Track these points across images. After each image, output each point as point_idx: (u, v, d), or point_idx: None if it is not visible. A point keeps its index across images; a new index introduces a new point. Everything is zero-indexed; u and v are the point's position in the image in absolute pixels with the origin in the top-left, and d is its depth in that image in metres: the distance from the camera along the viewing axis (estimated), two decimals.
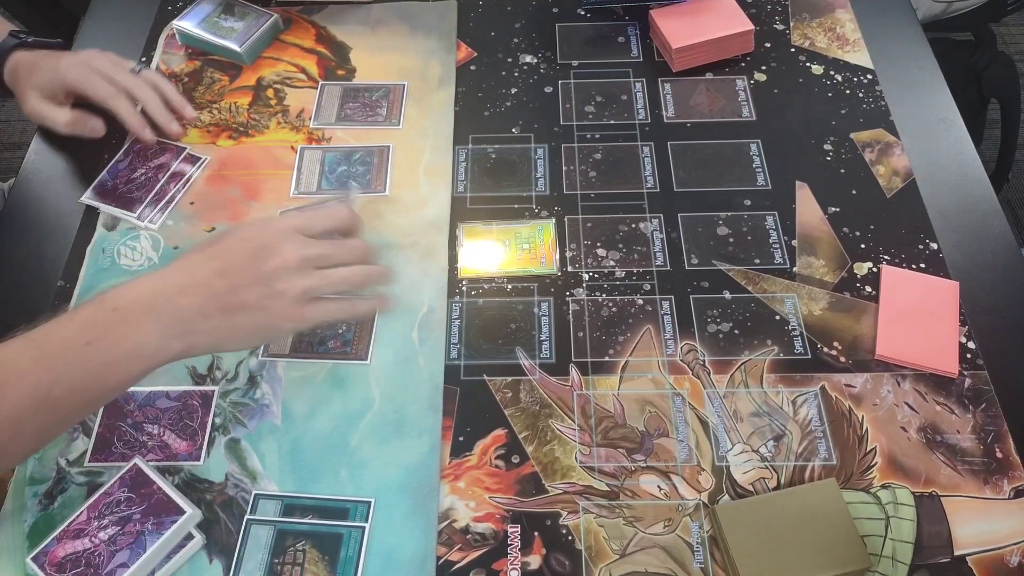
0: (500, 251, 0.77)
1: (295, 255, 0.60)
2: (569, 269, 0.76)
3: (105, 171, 0.83)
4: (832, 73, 0.90)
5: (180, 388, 0.69)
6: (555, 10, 0.98)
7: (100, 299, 0.57)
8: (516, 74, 0.92)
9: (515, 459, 0.65)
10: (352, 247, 0.64)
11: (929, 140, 0.85)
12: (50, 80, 0.82)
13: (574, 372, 0.69)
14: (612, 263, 0.76)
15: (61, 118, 0.83)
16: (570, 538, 0.61)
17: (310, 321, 0.62)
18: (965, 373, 0.68)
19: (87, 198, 0.81)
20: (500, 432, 0.66)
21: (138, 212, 0.80)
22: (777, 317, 0.72)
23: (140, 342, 0.56)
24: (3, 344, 0.56)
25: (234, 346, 0.62)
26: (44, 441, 0.59)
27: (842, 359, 0.70)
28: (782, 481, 0.64)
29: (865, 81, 0.89)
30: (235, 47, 0.92)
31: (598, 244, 0.78)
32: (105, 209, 0.81)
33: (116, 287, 0.58)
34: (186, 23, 0.94)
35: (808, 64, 0.91)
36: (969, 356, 0.69)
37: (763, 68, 0.91)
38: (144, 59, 0.94)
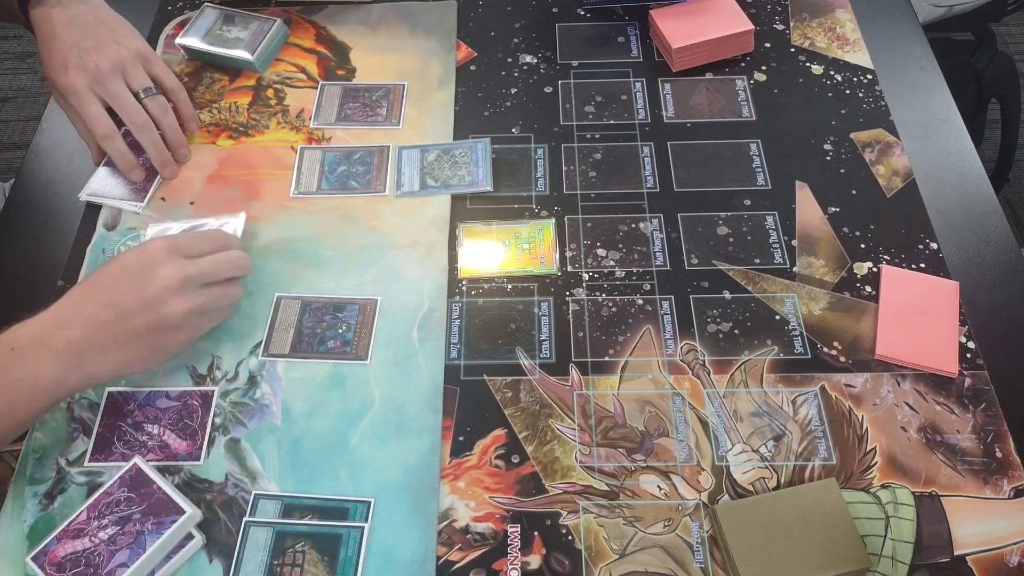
0: (500, 251, 0.77)
1: (176, 277, 0.63)
2: (569, 269, 0.76)
3: (103, 164, 0.82)
4: (832, 73, 0.90)
5: (180, 388, 0.69)
6: (555, 10, 0.98)
7: None
8: (516, 74, 0.92)
9: (515, 459, 0.65)
10: (231, 260, 0.68)
11: (929, 140, 0.85)
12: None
13: (574, 372, 0.69)
14: (612, 263, 0.76)
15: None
16: (570, 538, 0.61)
17: (201, 331, 0.67)
18: (965, 373, 0.68)
19: (88, 193, 0.81)
20: (500, 432, 0.66)
21: (145, 201, 0.80)
22: (777, 317, 0.72)
23: (39, 377, 0.59)
24: None
25: (136, 370, 0.65)
26: None
27: (842, 359, 0.70)
28: (782, 481, 0.64)
29: (865, 81, 0.89)
30: (246, 56, 0.90)
31: (598, 244, 0.78)
32: (109, 202, 0.80)
33: (13, 328, 0.61)
34: (190, 39, 0.91)
35: (808, 64, 0.91)
36: (969, 356, 0.69)
37: (763, 68, 0.91)
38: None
